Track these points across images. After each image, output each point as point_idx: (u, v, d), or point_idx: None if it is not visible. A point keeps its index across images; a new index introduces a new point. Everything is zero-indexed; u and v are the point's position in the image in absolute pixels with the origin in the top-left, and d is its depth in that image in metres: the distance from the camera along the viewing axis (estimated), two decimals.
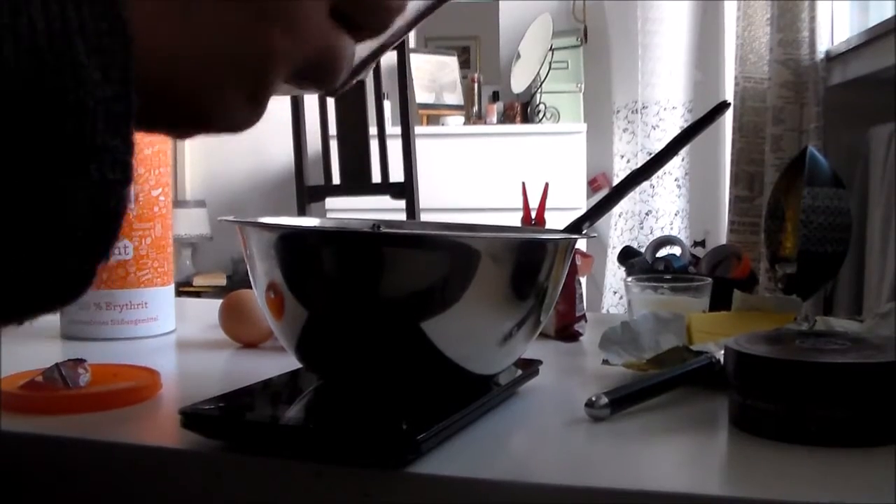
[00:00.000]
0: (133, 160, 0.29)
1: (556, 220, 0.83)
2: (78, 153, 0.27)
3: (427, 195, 2.35)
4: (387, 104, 2.84)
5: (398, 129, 2.18)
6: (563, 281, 0.63)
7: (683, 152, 2.84)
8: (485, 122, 3.15)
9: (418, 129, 2.45)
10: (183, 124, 0.35)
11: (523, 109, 3.18)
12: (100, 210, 0.29)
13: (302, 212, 2.21)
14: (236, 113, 0.35)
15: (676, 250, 1.15)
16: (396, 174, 2.16)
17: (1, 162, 0.26)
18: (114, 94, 0.28)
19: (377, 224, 0.67)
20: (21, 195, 0.27)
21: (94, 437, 0.57)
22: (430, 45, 3.42)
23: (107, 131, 0.28)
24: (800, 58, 2.19)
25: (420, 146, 2.24)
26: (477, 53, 3.40)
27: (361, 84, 1.99)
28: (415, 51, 3.24)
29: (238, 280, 3.24)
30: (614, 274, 2.92)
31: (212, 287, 3.29)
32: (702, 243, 1.44)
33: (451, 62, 3.28)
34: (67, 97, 0.27)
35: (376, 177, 2.18)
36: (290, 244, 0.58)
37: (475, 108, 3.22)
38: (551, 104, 3.11)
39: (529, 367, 0.69)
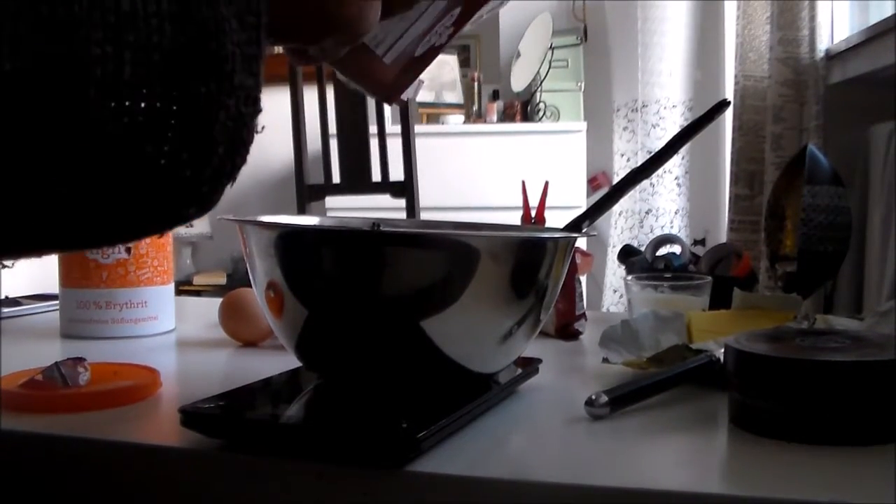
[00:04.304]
0: (260, 95, 0.34)
1: (557, 219, 0.83)
2: (220, 92, 0.32)
3: (427, 194, 2.34)
4: None
5: (398, 128, 2.18)
6: (563, 279, 0.63)
7: (683, 151, 2.84)
8: (485, 121, 3.14)
9: (418, 128, 2.45)
10: (313, 31, 0.42)
11: (523, 108, 3.18)
12: (234, 139, 0.34)
13: (302, 210, 2.21)
14: (354, 9, 0.42)
15: (676, 249, 1.15)
16: (396, 173, 2.16)
17: (159, 93, 0.31)
18: (248, 39, 0.33)
19: (377, 223, 0.67)
20: (169, 126, 0.32)
21: (93, 436, 0.57)
22: None
23: (242, 71, 0.33)
24: (800, 56, 2.19)
25: (420, 145, 2.24)
26: (477, 52, 3.40)
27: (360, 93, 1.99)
28: None
29: (238, 279, 3.24)
30: (614, 272, 2.91)
31: (212, 286, 3.29)
32: (702, 242, 1.44)
33: (451, 61, 3.27)
34: (210, 44, 0.32)
35: (376, 175, 2.18)
36: (290, 243, 0.58)
37: (475, 107, 3.22)
38: (551, 103, 3.10)
39: (529, 366, 0.69)
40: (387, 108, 2.80)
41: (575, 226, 0.72)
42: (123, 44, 0.30)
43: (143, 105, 0.31)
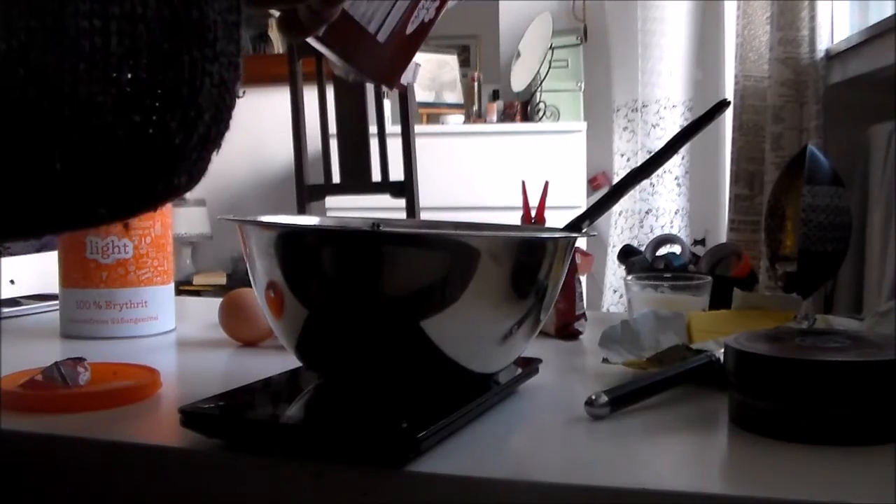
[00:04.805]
0: (241, 60, 0.35)
1: (556, 219, 0.83)
2: (204, 59, 0.33)
3: (427, 194, 2.34)
4: (387, 103, 2.84)
5: (398, 128, 2.18)
6: (563, 279, 0.63)
7: (683, 151, 2.84)
8: (485, 121, 3.14)
9: (418, 128, 2.44)
10: None
11: (523, 108, 3.17)
12: (218, 105, 0.34)
13: (302, 210, 2.21)
14: None
15: (676, 249, 1.15)
16: (396, 173, 2.16)
17: (145, 64, 0.32)
18: (228, 6, 0.34)
19: (377, 223, 0.67)
20: (155, 95, 0.32)
21: (93, 436, 0.57)
22: (430, 43, 3.41)
23: (224, 38, 0.33)
24: (800, 56, 2.19)
25: (420, 145, 2.24)
26: (477, 52, 3.40)
27: (361, 82, 1.99)
28: None
29: (238, 279, 3.24)
30: (614, 272, 2.91)
31: (212, 286, 3.29)
32: (702, 242, 1.44)
33: (451, 61, 3.27)
34: (193, 13, 0.32)
35: (376, 175, 2.18)
36: (290, 243, 0.58)
37: (475, 107, 3.22)
38: (551, 103, 3.10)
39: (529, 366, 0.69)
40: (387, 108, 2.80)
41: (575, 226, 0.72)
42: (109, 16, 0.30)
43: (129, 76, 0.31)
